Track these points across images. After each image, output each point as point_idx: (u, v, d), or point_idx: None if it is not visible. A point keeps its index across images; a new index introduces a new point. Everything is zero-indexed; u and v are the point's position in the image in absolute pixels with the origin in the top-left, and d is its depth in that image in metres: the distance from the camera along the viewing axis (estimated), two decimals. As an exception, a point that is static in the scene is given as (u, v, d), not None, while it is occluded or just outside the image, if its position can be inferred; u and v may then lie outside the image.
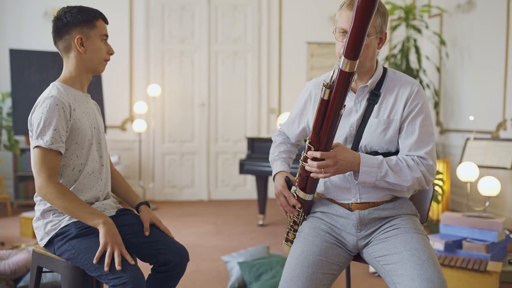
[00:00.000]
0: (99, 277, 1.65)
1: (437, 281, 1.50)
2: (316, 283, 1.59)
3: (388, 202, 1.78)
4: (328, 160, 1.62)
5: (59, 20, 1.89)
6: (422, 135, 1.72)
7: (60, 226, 1.77)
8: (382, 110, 1.75)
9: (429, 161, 1.71)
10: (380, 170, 1.66)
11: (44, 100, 1.82)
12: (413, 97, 1.73)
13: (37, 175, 1.76)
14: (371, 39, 1.69)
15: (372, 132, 1.75)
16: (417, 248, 1.60)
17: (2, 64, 5.84)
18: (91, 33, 1.90)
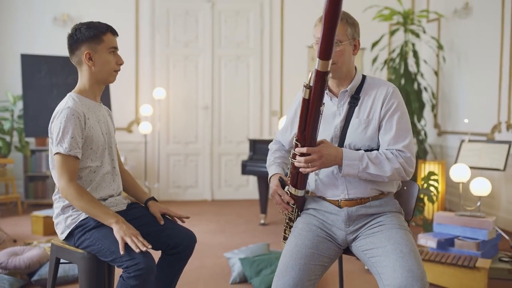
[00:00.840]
0: (113, 261, 1.84)
1: (417, 271, 1.66)
2: (308, 273, 1.76)
3: (375, 200, 1.95)
4: (314, 155, 1.79)
5: (71, 37, 2.07)
6: (399, 131, 1.90)
7: (79, 219, 1.96)
8: (362, 111, 1.95)
9: (407, 154, 1.89)
10: (361, 163, 1.84)
11: (61, 111, 2.00)
12: (389, 97, 1.92)
13: (59, 178, 1.95)
14: (345, 45, 1.90)
15: (354, 131, 1.93)
16: (400, 242, 1.77)
17: (14, 68, 6.03)
18: (98, 47, 2.06)
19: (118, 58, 2.13)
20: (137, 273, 1.81)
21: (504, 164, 4.37)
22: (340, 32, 1.89)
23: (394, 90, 1.95)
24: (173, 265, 2.09)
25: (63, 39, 6.11)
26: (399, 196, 2.16)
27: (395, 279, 1.65)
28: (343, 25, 1.91)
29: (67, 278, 3.31)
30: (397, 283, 1.63)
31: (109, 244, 1.87)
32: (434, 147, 6.32)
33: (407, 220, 2.17)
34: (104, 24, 2.10)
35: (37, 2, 6.22)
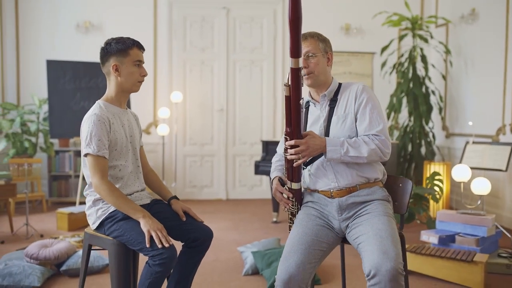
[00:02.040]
0: (140, 250, 2.10)
1: (391, 253, 1.89)
2: (309, 257, 2.01)
3: (363, 189, 2.20)
4: (302, 146, 2.09)
5: (102, 50, 2.34)
6: (372, 120, 2.20)
7: (109, 211, 2.23)
8: (339, 109, 2.27)
9: (381, 137, 2.17)
10: (342, 148, 2.13)
11: (90, 117, 2.27)
12: (360, 93, 2.25)
13: (92, 176, 2.22)
14: (318, 57, 2.25)
15: (335, 126, 2.24)
16: (381, 228, 2.01)
17: (39, 73, 6.36)
18: (125, 60, 2.32)
19: (142, 70, 2.38)
20: (162, 261, 2.07)
21: (506, 165, 4.55)
22: (313, 46, 2.25)
23: (363, 86, 2.28)
24: (192, 256, 2.34)
25: (85, 45, 6.51)
26: (394, 192, 2.39)
27: (372, 260, 1.89)
28: (315, 41, 2.27)
29: (92, 269, 3.58)
30: (373, 263, 1.87)
31: (136, 235, 2.13)
32: (442, 148, 6.50)
33: (402, 214, 2.40)
34: (131, 39, 2.35)
35: (61, 10, 6.54)
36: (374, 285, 1.87)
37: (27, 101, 6.44)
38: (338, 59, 6.75)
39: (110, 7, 6.59)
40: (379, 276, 1.86)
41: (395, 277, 1.85)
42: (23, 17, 6.52)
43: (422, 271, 3.56)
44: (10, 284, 3.22)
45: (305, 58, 2.24)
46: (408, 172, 6.18)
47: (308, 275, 1.98)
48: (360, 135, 2.21)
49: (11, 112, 6.25)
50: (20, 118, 5.97)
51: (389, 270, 1.85)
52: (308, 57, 2.25)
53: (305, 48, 2.25)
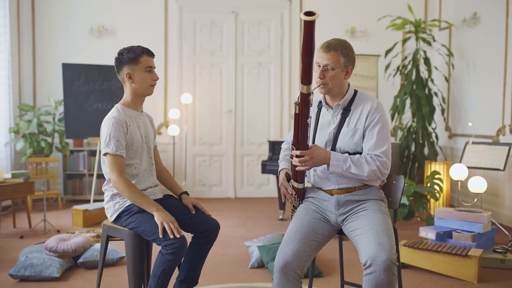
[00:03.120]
0: (154, 240, 2.32)
1: (386, 245, 2.07)
2: (304, 246, 2.20)
3: (360, 189, 2.36)
4: (306, 156, 2.24)
5: (116, 60, 2.56)
6: (378, 140, 2.31)
7: (125, 205, 2.44)
8: (351, 121, 2.36)
9: (383, 158, 2.30)
10: (345, 164, 2.27)
11: (109, 119, 2.49)
12: (373, 112, 2.34)
13: (111, 173, 2.44)
14: (336, 72, 2.29)
15: (343, 137, 2.36)
16: (376, 223, 2.19)
17: (55, 75, 6.61)
18: (136, 67, 2.54)
19: (154, 75, 2.59)
20: (173, 250, 2.28)
21: (504, 165, 4.71)
22: (333, 60, 2.27)
23: (377, 105, 2.35)
24: (201, 247, 2.55)
25: (98, 49, 6.76)
26: (388, 189, 2.58)
27: (368, 251, 2.07)
28: (337, 55, 2.28)
29: (108, 262, 3.80)
30: (370, 254, 2.05)
31: (151, 227, 2.34)
32: (445, 149, 6.66)
33: (395, 209, 2.59)
34: (141, 47, 2.56)
35: (75, 15, 6.79)
36: (370, 273, 2.06)
37: (43, 103, 6.70)
38: (344, 61, 6.92)
39: (123, 12, 6.83)
40: (375, 266, 2.04)
41: (389, 266, 2.03)
42: (39, 22, 6.78)
43: (420, 265, 3.74)
44: (31, 275, 3.45)
45: (323, 70, 2.29)
46: (412, 172, 6.35)
47: (303, 262, 2.17)
48: (364, 152, 2.33)
49: (27, 113, 6.51)
50: (37, 119, 6.22)
51: (384, 261, 2.03)
52: (327, 69, 2.28)
53: (325, 61, 2.28)
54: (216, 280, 3.53)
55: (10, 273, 3.47)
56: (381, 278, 2.02)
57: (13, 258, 4.01)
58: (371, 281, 2.05)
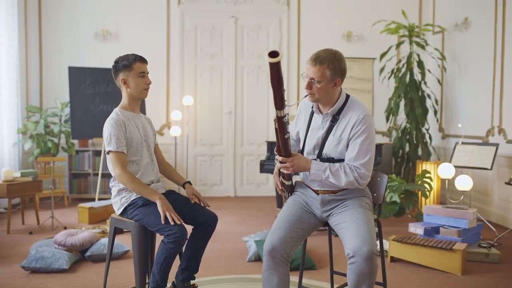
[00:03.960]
0: (157, 230, 2.54)
1: (367, 237, 2.28)
2: (290, 233, 2.42)
3: (343, 190, 2.54)
4: (287, 163, 2.42)
5: (113, 68, 2.80)
6: (359, 152, 2.42)
7: (131, 199, 2.67)
8: (337, 130, 2.50)
9: (362, 170, 2.43)
10: (324, 173, 2.44)
11: (108, 121, 2.74)
12: (358, 123, 2.43)
13: (114, 169, 2.66)
14: (322, 85, 2.39)
15: (329, 145, 2.51)
16: (358, 217, 2.40)
17: (61, 78, 6.85)
18: (130, 74, 2.77)
19: (146, 79, 2.82)
20: (174, 239, 2.50)
21: (491, 164, 4.92)
22: (319, 74, 2.37)
23: (364, 116, 2.42)
24: (201, 237, 2.78)
25: (103, 52, 7.02)
26: (373, 185, 2.80)
27: (351, 243, 2.28)
28: (323, 69, 2.37)
29: (113, 255, 4.02)
30: (352, 246, 2.26)
31: (154, 219, 2.56)
32: (438, 149, 6.87)
33: (379, 204, 2.81)
34: (134, 55, 2.78)
35: (80, 20, 7.03)
36: (353, 263, 2.27)
37: (49, 105, 6.93)
38: (340, 64, 7.15)
39: (126, 16, 7.06)
40: (357, 257, 2.25)
41: (370, 257, 2.24)
42: (46, 27, 7.02)
43: (407, 259, 3.96)
44: (42, 267, 3.68)
45: (310, 82, 2.39)
46: (406, 171, 6.56)
47: (289, 247, 2.39)
48: (345, 162, 2.47)
49: (35, 115, 6.74)
50: (44, 121, 6.46)
51: (365, 252, 2.24)
52: (313, 82, 2.38)
53: (311, 74, 2.38)
54: (216, 272, 3.76)
55: (22, 265, 3.70)
56: (362, 267, 2.24)
57: (24, 252, 4.24)
58: (354, 270, 2.26)
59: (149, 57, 3.09)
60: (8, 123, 6.11)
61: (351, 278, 2.28)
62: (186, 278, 2.76)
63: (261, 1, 7.16)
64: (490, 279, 3.64)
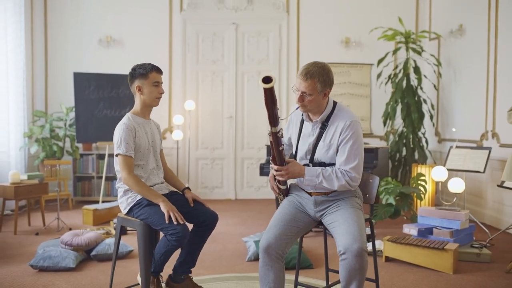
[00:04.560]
0: (161, 229, 2.70)
1: (357, 235, 2.43)
2: (285, 231, 2.58)
3: (334, 192, 2.69)
4: (282, 172, 2.58)
5: (129, 74, 2.97)
6: (349, 156, 2.58)
7: (136, 199, 2.83)
8: (327, 136, 2.65)
9: (352, 174, 2.58)
10: (317, 179, 2.59)
11: (120, 125, 2.89)
12: (345, 129, 2.58)
13: (122, 171, 2.82)
14: (314, 97, 2.54)
15: (320, 150, 2.67)
16: (349, 216, 2.55)
17: (67, 84, 7.02)
18: (146, 82, 2.94)
19: (160, 89, 2.99)
20: (177, 238, 2.66)
21: (484, 167, 5.07)
22: (311, 88, 2.52)
23: (351, 122, 2.58)
24: (201, 234, 2.94)
25: (107, 58, 7.20)
26: (365, 186, 2.95)
27: (342, 241, 2.44)
28: (314, 83, 2.52)
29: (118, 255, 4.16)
30: (343, 243, 2.42)
31: (158, 218, 2.72)
32: (435, 153, 7.02)
33: (371, 204, 2.96)
34: (151, 65, 2.96)
35: (84, 26, 7.21)
36: (345, 259, 2.42)
37: (54, 109, 7.10)
38: (339, 70, 7.32)
39: (130, 23, 7.24)
40: (348, 253, 2.40)
41: (360, 253, 2.39)
42: (51, 33, 7.20)
43: (402, 258, 4.11)
44: (50, 265, 3.84)
45: (301, 95, 2.54)
46: (403, 174, 6.71)
47: (284, 244, 2.54)
48: (336, 166, 2.62)
49: (40, 119, 6.91)
50: (50, 125, 6.62)
51: (355, 249, 2.39)
52: (305, 95, 2.53)
53: (302, 88, 2.52)
54: (216, 271, 3.90)
55: (31, 263, 3.86)
56: (353, 264, 2.39)
57: (31, 252, 4.39)
58: (345, 266, 2.42)
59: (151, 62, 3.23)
60: (15, 127, 6.28)
61: (343, 274, 2.43)
62: (183, 271, 2.95)
63: (261, 8, 7.33)
64: (480, 278, 3.78)
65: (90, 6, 7.23)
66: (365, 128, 7.38)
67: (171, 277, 3.00)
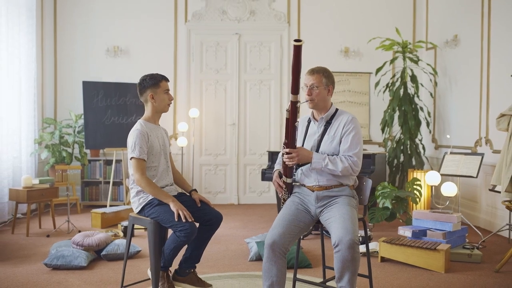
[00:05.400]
0: (171, 226, 2.92)
1: (350, 229, 2.66)
2: (288, 229, 2.80)
3: (335, 187, 2.96)
4: (293, 153, 2.86)
5: (140, 84, 3.20)
6: (351, 144, 2.93)
7: (147, 199, 3.05)
8: (331, 130, 2.99)
9: (354, 158, 2.90)
10: (324, 161, 2.88)
11: (134, 131, 3.12)
12: (348, 123, 2.97)
13: (135, 174, 3.05)
14: (320, 89, 2.95)
15: (325, 143, 2.98)
16: (344, 213, 2.79)
17: (75, 92, 7.28)
18: (157, 90, 3.19)
19: (170, 96, 3.24)
20: (186, 234, 2.89)
21: (476, 172, 5.28)
22: (317, 81, 2.96)
23: (352, 118, 2.99)
24: (206, 232, 3.17)
25: (114, 68, 7.46)
26: (359, 188, 3.17)
27: (336, 234, 2.66)
28: (320, 76, 2.97)
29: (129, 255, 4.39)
30: (337, 236, 2.65)
31: (168, 216, 2.95)
32: (432, 159, 7.23)
33: (365, 205, 3.18)
34: (160, 75, 3.21)
35: (92, 37, 7.48)
36: (338, 251, 2.65)
37: (64, 117, 7.35)
38: (339, 78, 7.55)
39: (136, 33, 7.50)
40: (341, 245, 2.63)
41: (352, 245, 2.62)
42: (60, 44, 7.47)
43: (396, 258, 4.32)
44: (63, 264, 4.06)
45: (310, 88, 2.95)
46: (400, 180, 6.92)
47: (287, 242, 2.77)
48: (340, 154, 2.94)
49: (50, 126, 7.16)
50: (59, 131, 6.87)
51: (347, 240, 2.62)
52: (313, 87, 2.95)
53: (311, 81, 2.95)
54: (220, 269, 4.12)
55: (45, 262, 4.09)
56: (346, 255, 2.61)
57: (44, 252, 4.62)
58: (338, 257, 2.65)
59: (157, 71, 3.48)
60: (26, 134, 6.53)
61: (337, 266, 2.65)
62: (189, 266, 3.17)
63: (263, 19, 7.59)
64: (470, 277, 3.98)
65: (97, 17, 7.49)
66: (364, 135, 7.60)
67: (176, 271, 3.22)
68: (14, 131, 6.29)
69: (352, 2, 7.66)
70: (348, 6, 7.65)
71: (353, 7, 7.65)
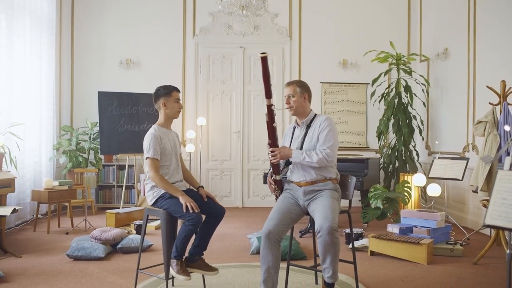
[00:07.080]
0: (180, 216, 3.38)
1: (330, 217, 3.09)
2: (282, 220, 3.24)
3: (320, 182, 3.40)
4: (276, 151, 3.36)
5: (155, 93, 3.67)
6: (325, 139, 3.36)
7: (160, 193, 3.51)
8: (311, 132, 3.44)
9: (327, 150, 3.32)
10: (301, 156, 3.33)
11: (149, 134, 3.59)
12: (323, 121, 3.42)
13: (150, 171, 3.51)
14: (296, 97, 3.44)
15: (306, 143, 3.43)
16: (326, 204, 3.22)
17: (91, 101, 7.79)
18: (169, 99, 3.66)
19: (180, 104, 3.71)
20: (193, 222, 3.34)
21: (462, 175, 5.70)
22: (293, 91, 3.46)
23: (326, 118, 3.45)
24: (211, 223, 3.61)
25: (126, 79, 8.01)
26: (345, 185, 3.62)
27: (318, 222, 3.11)
28: (294, 87, 3.46)
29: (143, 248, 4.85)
30: (319, 223, 3.09)
31: (178, 208, 3.40)
32: (425, 164, 7.65)
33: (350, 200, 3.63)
34: (172, 86, 3.69)
35: (106, 50, 8.01)
36: (320, 237, 3.09)
37: (80, 124, 7.86)
38: (337, 89, 8.03)
39: (147, 47, 8.03)
40: (322, 231, 3.07)
41: (331, 231, 3.06)
42: (77, 56, 8.01)
43: (384, 252, 4.75)
44: (83, 255, 4.53)
45: (287, 98, 3.45)
46: (395, 183, 7.33)
47: (281, 231, 3.22)
48: (316, 148, 3.39)
49: (67, 133, 7.67)
50: (76, 138, 7.37)
51: (327, 227, 3.06)
52: (290, 97, 3.45)
53: (287, 92, 3.46)
54: (224, 261, 4.58)
55: (67, 253, 4.56)
56: (326, 239, 3.06)
57: (64, 246, 5.09)
58: (321, 242, 3.10)
59: (166, 82, 3.94)
60: (46, 140, 7.04)
61: (320, 249, 3.11)
62: (197, 253, 3.59)
63: (266, 34, 8.09)
64: (450, 268, 4.41)
65: (111, 32, 8.03)
66: (361, 142, 8.05)
67: (187, 258, 3.66)
68: (36, 138, 6.79)
69: (350, 17, 8.15)
70: (346, 21, 8.14)
71: (351, 22, 8.13)
